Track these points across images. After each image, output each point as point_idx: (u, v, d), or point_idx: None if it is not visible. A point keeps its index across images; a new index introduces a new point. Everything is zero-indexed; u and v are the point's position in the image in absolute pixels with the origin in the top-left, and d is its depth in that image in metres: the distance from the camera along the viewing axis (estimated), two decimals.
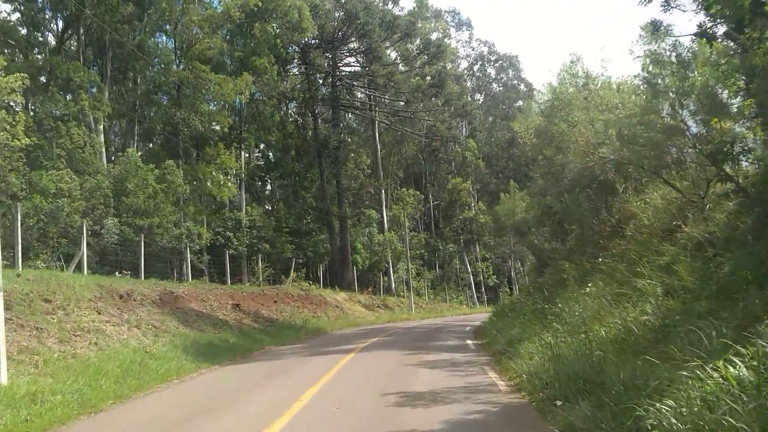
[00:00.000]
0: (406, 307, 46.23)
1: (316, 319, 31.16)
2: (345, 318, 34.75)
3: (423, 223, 63.50)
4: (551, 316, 12.21)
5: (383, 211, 50.42)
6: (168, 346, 16.53)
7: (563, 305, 12.62)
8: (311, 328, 27.34)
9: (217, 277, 34.60)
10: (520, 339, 12.67)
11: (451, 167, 65.46)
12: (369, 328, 28.65)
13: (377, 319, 37.34)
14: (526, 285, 26.50)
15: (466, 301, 61.64)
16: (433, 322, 33.89)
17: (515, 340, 13.07)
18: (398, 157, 58.79)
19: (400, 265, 52.04)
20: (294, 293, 33.68)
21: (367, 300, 42.50)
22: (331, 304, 36.57)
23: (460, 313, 52.21)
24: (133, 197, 28.67)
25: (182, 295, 22.79)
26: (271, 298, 30.74)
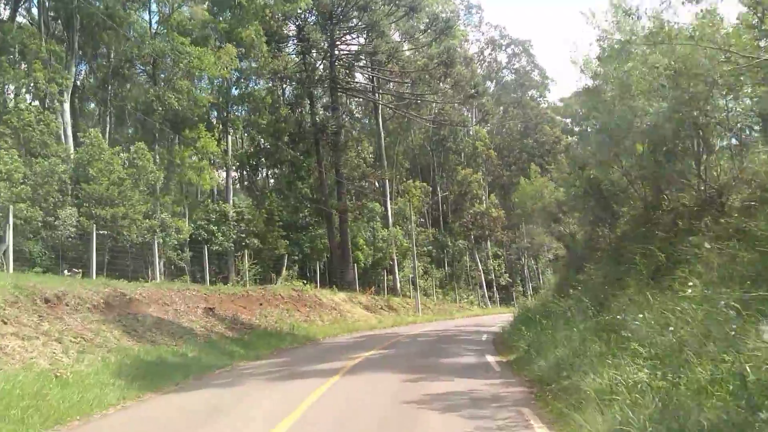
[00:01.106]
0: (412, 308, 42.14)
1: (307, 324, 27.15)
2: (342, 322, 30.74)
3: (431, 217, 59.35)
4: (624, 331, 8.09)
5: (387, 204, 46.32)
6: (95, 366, 12.59)
7: (635, 315, 8.51)
8: (300, 336, 23.32)
9: (200, 276, 30.68)
10: (575, 364, 8.55)
11: (460, 158, 61.27)
12: (367, 336, 24.57)
13: (379, 322, 33.28)
14: (554, 283, 22.28)
15: (478, 301, 57.47)
16: (443, 326, 29.79)
17: (565, 364, 8.95)
18: (404, 146, 54.70)
19: (406, 262, 47.95)
20: (284, 294, 29.66)
21: (368, 301, 38.42)
22: (328, 305, 32.54)
23: (471, 314, 48.04)
24: (95, 184, 24.77)
25: (138, 297, 18.81)
26: (256, 300, 26.75)
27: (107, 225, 24.74)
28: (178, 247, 30.37)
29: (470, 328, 25.70)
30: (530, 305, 23.63)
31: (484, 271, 61.56)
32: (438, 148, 59.33)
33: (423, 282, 50.25)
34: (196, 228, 32.93)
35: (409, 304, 43.12)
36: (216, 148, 30.09)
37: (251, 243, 34.44)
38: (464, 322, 34.66)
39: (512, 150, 69.97)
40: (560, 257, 23.54)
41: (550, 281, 23.90)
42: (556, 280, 21.76)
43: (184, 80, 29.77)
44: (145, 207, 26.34)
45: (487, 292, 60.96)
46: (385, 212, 47.03)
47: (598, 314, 9.95)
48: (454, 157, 60.82)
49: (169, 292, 20.88)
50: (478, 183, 57.26)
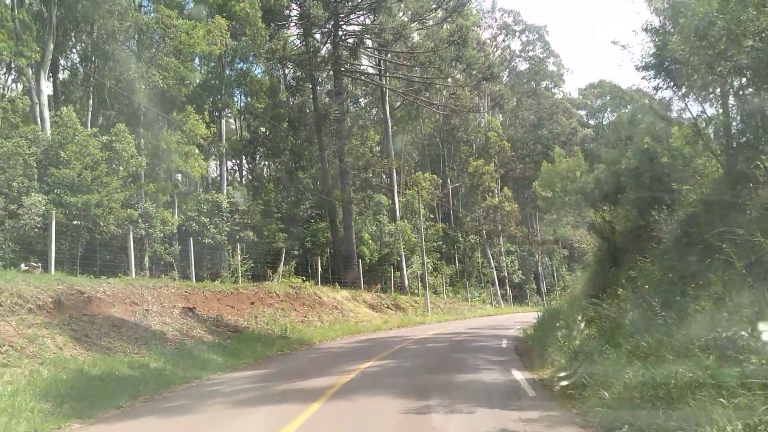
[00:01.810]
0: (420, 307, 39.32)
1: (304, 325, 24.44)
2: (344, 323, 28.02)
3: (440, 211, 56.48)
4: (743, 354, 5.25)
5: (394, 197, 43.49)
6: (16, 383, 9.90)
7: (746, 326, 5.68)
8: (293, 340, 20.60)
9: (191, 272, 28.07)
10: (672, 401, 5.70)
11: (471, 149, 58.32)
12: (370, 339, 21.77)
13: (385, 323, 30.50)
14: (584, 281, 19.39)
15: (490, 300, 54.58)
16: (454, 328, 26.96)
17: (650, 399, 6.09)
18: (412, 135, 51.86)
19: (415, 258, 45.09)
20: (280, 292, 26.94)
21: (374, 299, 35.64)
22: (329, 304, 29.80)
23: (484, 314, 45.18)
24: (67, 168, 22.15)
25: (101, 296, 16.13)
26: (247, 299, 24.05)
27: (79, 214, 22.14)
28: (166, 240, 27.80)
29: (486, 331, 22.85)
30: (557, 306, 20.70)
31: (497, 268, 58.70)
32: (448, 139, 56.42)
33: (432, 279, 47.44)
34: (187, 220, 30.34)
35: (418, 302, 40.34)
36: (205, 131, 27.35)
37: (246, 236, 31.78)
38: (478, 323, 31.82)
39: (526, 142, 66.91)
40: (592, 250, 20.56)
41: (577, 278, 20.85)
42: (588, 277, 18.90)
43: (170, 57, 27.07)
44: (123, 195, 23.69)
45: (499, 290, 58.05)
46: (392, 205, 44.22)
47: (679, 322, 7.11)
48: (465, 149, 57.88)
49: (141, 290, 18.17)
50: (491, 175, 54.28)
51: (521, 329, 23.29)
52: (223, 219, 31.20)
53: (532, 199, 68.52)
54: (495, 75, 40.12)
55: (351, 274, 37.29)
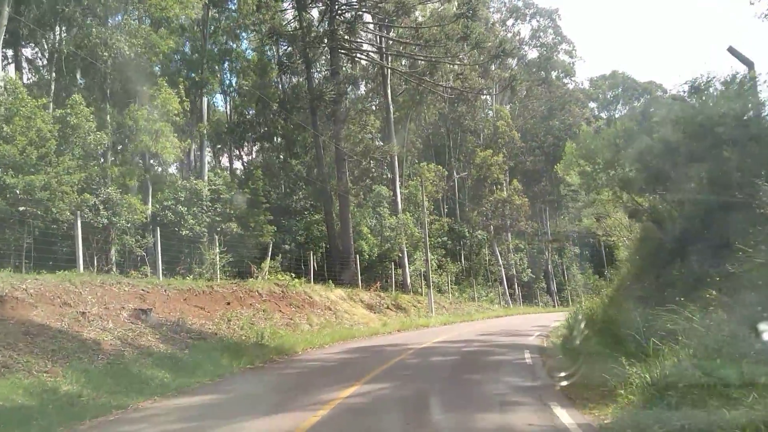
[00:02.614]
0: (424, 308, 35.93)
1: (289, 329, 21.10)
2: (337, 325, 24.69)
3: (446, 205, 53.04)
4: None
5: (396, 188, 40.06)
6: None
7: None
8: (270, 348, 17.21)
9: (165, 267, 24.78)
10: None
11: (479, 140, 54.90)
12: (363, 348, 18.33)
13: (384, 326, 27.11)
14: (624, 277, 15.89)
15: (498, 300, 51.10)
16: (463, 333, 23.52)
17: None
18: (416, 123, 48.45)
19: (418, 255, 41.68)
20: (264, 290, 23.58)
21: (372, 299, 32.23)
22: (320, 305, 26.44)
23: (492, 315, 41.77)
24: (7, 144, 18.86)
25: (19, 295, 12.79)
26: (222, 298, 20.67)
27: (25, 199, 18.86)
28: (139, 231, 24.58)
29: (501, 339, 19.37)
30: (589, 309, 17.20)
31: (505, 266, 55.24)
32: (454, 129, 52.98)
33: (437, 277, 44.03)
34: (162, 209, 27.06)
35: (421, 302, 36.95)
36: (177, 106, 23.94)
37: (229, 228, 28.47)
38: (488, 326, 28.36)
39: (536, 133, 63.39)
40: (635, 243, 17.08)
41: (618, 273, 17.27)
42: (628, 274, 15.52)
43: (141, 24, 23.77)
44: (78, 177, 20.35)
45: (507, 289, 54.59)
46: (394, 197, 40.80)
47: None
48: (472, 139, 54.47)
49: (81, 288, 14.80)
50: (499, 167, 50.76)
51: (542, 335, 19.91)
52: (203, 208, 27.93)
53: (543, 193, 65.19)
54: (507, 52, 36.61)
55: (347, 271, 33.94)
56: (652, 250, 12.78)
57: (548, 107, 63.92)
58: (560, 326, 22.79)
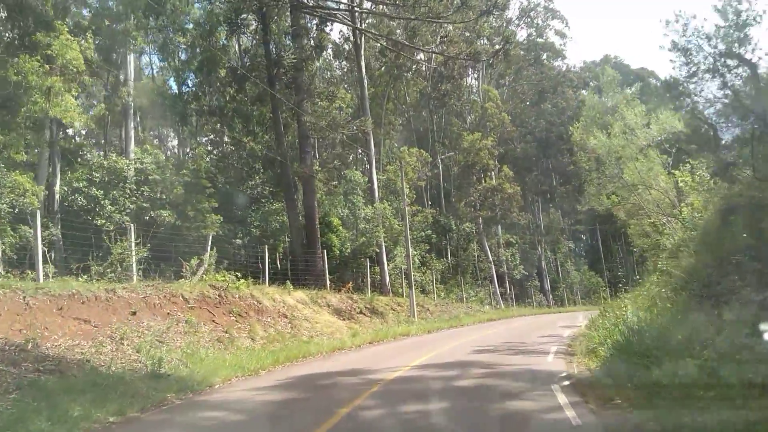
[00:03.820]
0: (405, 311, 30.58)
1: (218, 347, 15.70)
2: (291, 338, 19.34)
3: (429, 195, 47.68)
4: None
5: (372, 173, 34.63)
6: None
7: None
8: (172, 381, 11.66)
9: (74, 264, 19.30)
10: None
11: (465, 124, 49.61)
12: (309, 379, 12.65)
13: (353, 337, 21.69)
14: (686, 269, 10.38)
15: (489, 300, 45.78)
16: (453, 349, 18.06)
17: None
18: (394, 103, 43.00)
19: (398, 250, 36.30)
20: (193, 294, 18.07)
21: (342, 303, 26.79)
22: (272, 312, 21.01)
23: (484, 318, 36.46)
24: None
25: None
26: (126, 307, 15.16)
27: None
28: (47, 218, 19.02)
29: (507, 361, 13.74)
30: (645, 321, 11.70)
31: (495, 262, 49.95)
32: (438, 110, 47.61)
33: (420, 276, 38.70)
34: (72, 192, 21.44)
35: (402, 305, 31.59)
36: (77, 55, 18.27)
37: (160, 217, 22.87)
38: (484, 336, 22.87)
39: (526, 119, 58.22)
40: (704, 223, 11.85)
41: (677, 265, 11.68)
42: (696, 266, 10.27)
43: None
44: None
45: (498, 288, 49.27)
46: (370, 183, 35.38)
47: None
48: (458, 123, 49.12)
49: None
50: (489, 151, 45.40)
51: (561, 352, 14.54)
52: (127, 193, 22.32)
53: (536, 183, 60.15)
54: (500, 5, 31.24)
55: (315, 269, 28.50)
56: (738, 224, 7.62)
57: (539, 90, 58.76)
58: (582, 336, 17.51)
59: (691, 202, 13.54)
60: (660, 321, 10.45)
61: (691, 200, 13.48)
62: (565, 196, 61.42)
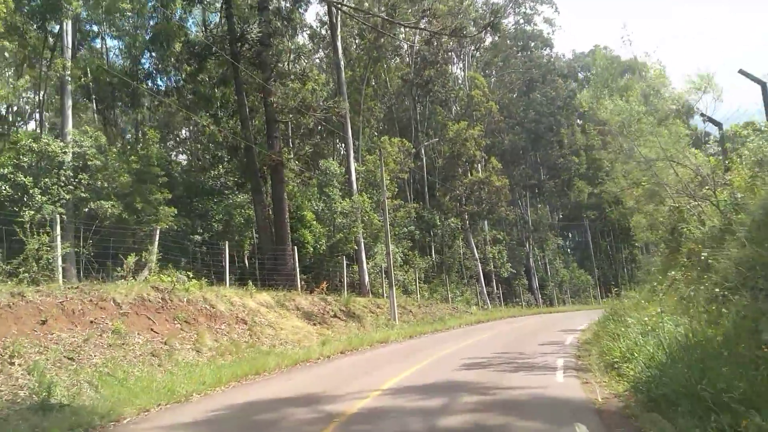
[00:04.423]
0: (385, 314, 27.77)
1: (152, 362, 12.91)
2: (248, 349, 16.51)
3: (413, 189, 44.91)
4: None
5: (350, 162, 31.83)
6: None
7: None
8: (70, 414, 8.75)
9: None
10: None
11: (450, 113, 46.89)
12: (249, 408, 9.64)
13: (323, 346, 18.82)
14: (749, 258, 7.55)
15: (476, 300, 43.09)
16: (438, 362, 15.28)
17: None
18: (374, 89, 40.15)
19: (379, 247, 33.49)
20: (129, 298, 15.12)
21: (314, 305, 23.89)
22: (228, 317, 18.12)
23: (472, 320, 33.77)
24: None
25: None
26: (36, 314, 12.26)
27: None
28: None
29: (508, 380, 10.82)
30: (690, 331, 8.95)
31: (481, 260, 47.28)
32: (422, 98, 44.83)
33: (402, 275, 35.92)
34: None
35: (381, 307, 28.76)
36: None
37: (101, 208, 19.86)
38: (473, 342, 20.11)
39: (515, 110, 55.61)
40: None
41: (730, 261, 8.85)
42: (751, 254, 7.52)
43: None
44: None
45: (485, 287, 46.57)
46: (347, 174, 32.55)
47: None
48: (443, 112, 46.38)
49: None
50: (476, 141, 42.67)
51: (570, 367, 11.76)
52: (61, 181, 19.29)
53: (524, 177, 57.60)
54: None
55: (285, 268, 25.59)
56: None
57: (527, 79, 56.17)
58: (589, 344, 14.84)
59: (731, 180, 10.86)
60: (714, 332, 7.73)
61: (732, 178, 10.80)
62: (554, 191, 58.98)
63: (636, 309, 15.21)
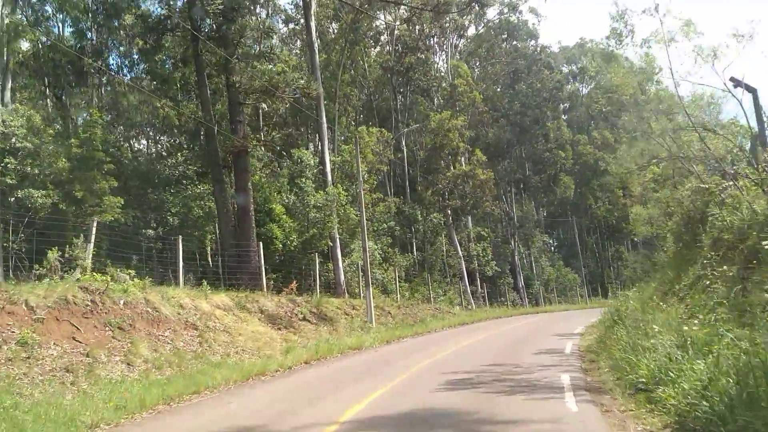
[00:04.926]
0: (361, 316, 25.40)
1: (54, 383, 10.29)
2: (193, 361, 14.11)
3: (393, 183, 42.56)
4: None
5: (324, 150, 29.40)
6: None
7: None
8: None
9: None
10: None
11: (432, 104, 44.61)
12: None
13: (286, 354, 16.47)
14: None
15: (459, 300, 40.81)
16: (415, 371, 12.94)
17: None
18: (352, 75, 37.71)
19: (356, 244, 31.12)
20: (47, 302, 12.69)
21: (281, 307, 21.40)
22: (173, 322, 15.65)
23: (455, 321, 31.48)
24: None
25: None
26: None
27: None
28: None
29: (501, 402, 8.42)
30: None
31: (465, 257, 45.01)
32: (402, 86, 42.47)
33: (381, 273, 33.55)
34: None
35: (358, 308, 26.37)
36: None
37: (30, 197, 17.25)
38: (458, 349, 17.75)
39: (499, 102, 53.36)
40: None
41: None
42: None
43: None
44: None
45: (469, 286, 44.30)
46: (322, 166, 30.13)
47: None
48: (425, 102, 44.07)
49: None
50: (459, 132, 40.35)
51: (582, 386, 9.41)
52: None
53: (509, 172, 55.46)
54: None
55: (249, 265, 23.12)
56: None
57: (512, 70, 53.96)
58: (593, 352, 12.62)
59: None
60: None
61: None
62: (540, 186, 56.92)
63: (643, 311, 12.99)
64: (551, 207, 64.09)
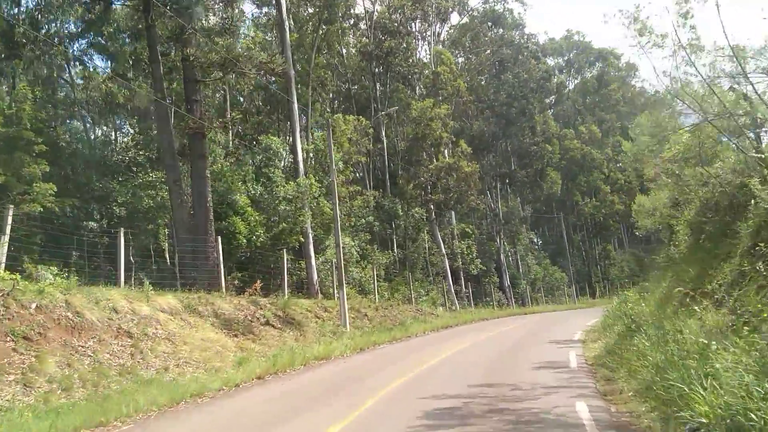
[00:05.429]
0: (333, 319, 22.89)
1: None
2: (119, 377, 11.56)
3: (372, 176, 40.06)
4: None
5: (296, 137, 26.84)
6: None
7: None
8: None
9: None
10: None
11: (414, 92, 42.19)
12: None
13: (237, 368, 13.96)
14: None
15: (442, 300, 38.42)
16: (390, 390, 10.56)
17: None
18: (328, 59, 35.12)
19: (331, 240, 28.56)
20: None
21: (240, 310, 18.81)
22: (100, 329, 13.00)
23: (438, 324, 29.07)
24: None
25: None
26: None
27: None
28: None
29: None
30: None
31: (449, 255, 42.67)
32: (382, 74, 39.98)
33: (359, 272, 31.05)
34: None
35: (330, 310, 23.86)
36: None
37: None
38: (441, 360, 15.29)
39: (484, 93, 51.08)
40: None
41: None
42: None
43: None
44: None
45: (453, 285, 41.92)
46: (293, 155, 27.58)
47: None
48: (406, 90, 41.64)
49: None
50: (442, 121, 37.92)
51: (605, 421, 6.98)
52: None
53: (494, 166, 53.23)
54: None
55: (204, 264, 20.51)
56: None
57: (498, 59, 51.69)
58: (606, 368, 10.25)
59: None
60: None
61: None
62: (526, 181, 54.73)
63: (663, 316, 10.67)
64: (537, 203, 62.04)
